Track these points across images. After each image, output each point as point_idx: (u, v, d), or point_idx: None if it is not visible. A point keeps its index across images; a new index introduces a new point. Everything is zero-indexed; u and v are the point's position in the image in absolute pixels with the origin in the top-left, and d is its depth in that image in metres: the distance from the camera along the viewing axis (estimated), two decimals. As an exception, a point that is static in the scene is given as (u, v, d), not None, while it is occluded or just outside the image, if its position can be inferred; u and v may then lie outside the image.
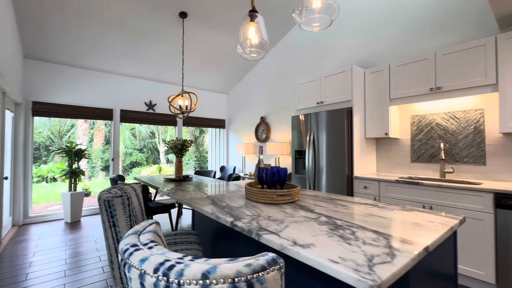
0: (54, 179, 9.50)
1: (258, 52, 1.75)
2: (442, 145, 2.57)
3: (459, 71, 2.35)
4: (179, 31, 3.90)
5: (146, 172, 10.81)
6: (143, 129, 12.98)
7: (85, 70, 4.38)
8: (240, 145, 5.47)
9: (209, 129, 6.75)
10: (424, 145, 2.84)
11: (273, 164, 4.84)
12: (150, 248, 0.61)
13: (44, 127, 10.92)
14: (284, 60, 4.66)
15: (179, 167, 3.75)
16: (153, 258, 0.55)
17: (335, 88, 3.11)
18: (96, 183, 9.71)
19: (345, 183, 2.87)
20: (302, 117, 3.39)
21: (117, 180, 3.33)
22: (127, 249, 0.60)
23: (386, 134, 2.87)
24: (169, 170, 10.96)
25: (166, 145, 3.80)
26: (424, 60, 2.57)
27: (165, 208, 3.08)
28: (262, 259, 0.52)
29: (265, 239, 0.89)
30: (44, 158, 10.46)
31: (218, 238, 1.72)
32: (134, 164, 12.32)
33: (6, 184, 3.39)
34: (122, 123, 4.84)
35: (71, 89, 4.25)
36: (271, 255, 0.54)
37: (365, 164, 3.05)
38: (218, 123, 6.15)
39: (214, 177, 4.50)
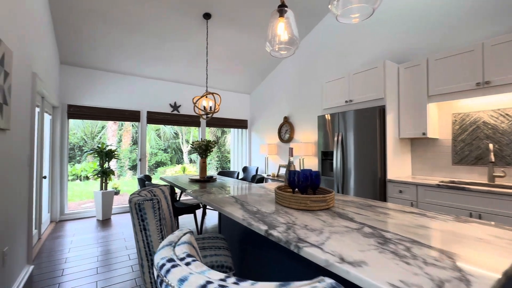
0: (87, 178, 10.08)
1: (288, 49, 1.67)
2: (491, 146, 2.31)
3: (511, 63, 2.09)
4: (203, 33, 3.92)
5: (170, 172, 11.12)
6: (168, 130, 13.39)
7: (114, 74, 4.57)
8: (262, 145, 5.40)
9: (231, 129, 6.77)
10: (468, 146, 2.57)
11: (297, 166, 4.71)
12: (187, 264, 0.55)
13: (78, 129, 11.65)
14: (308, 58, 4.51)
15: (203, 168, 3.77)
16: (193, 278, 0.49)
17: (365, 86, 2.93)
18: (124, 181, 10.16)
19: (377, 187, 2.69)
20: (328, 117, 3.24)
21: (144, 181, 3.41)
22: (163, 265, 0.55)
23: (424, 134, 2.64)
24: (192, 170, 11.18)
25: (191, 146, 3.83)
26: (469, 52, 2.32)
27: (190, 208, 3.10)
28: (320, 286, 0.44)
29: (306, 252, 0.81)
30: (78, 158, 11.16)
31: (247, 244, 1.67)
32: (159, 164, 12.75)
33: (45, 183, 3.61)
34: (149, 124, 4.97)
35: (101, 92, 4.45)
36: (329, 281, 0.46)
37: (399, 166, 2.84)
38: (241, 124, 6.13)
39: (237, 178, 4.48)
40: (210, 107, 3.70)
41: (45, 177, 3.26)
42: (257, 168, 5.62)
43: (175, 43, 4.10)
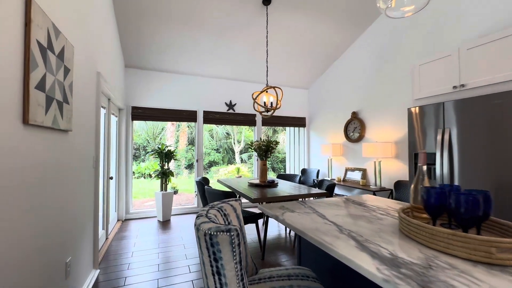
0: (150, 176, 10.86)
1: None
2: None
3: None
4: (262, 22, 3.53)
5: (223, 172, 11.22)
6: (220, 130, 13.66)
7: (171, 74, 4.55)
8: (324, 145, 4.78)
9: (287, 128, 6.29)
10: None
11: (371, 171, 3.97)
12: None
13: (142, 131, 12.73)
14: (383, 40, 3.74)
15: (264, 171, 3.39)
16: None
17: (491, 62, 2.11)
18: (181, 180, 10.62)
19: (517, 205, 1.87)
20: (424, 109, 2.49)
21: (203, 184, 3.19)
22: None
23: None
24: (245, 170, 11.05)
25: (249, 146, 3.49)
26: None
27: (253, 218, 2.73)
28: None
29: None
30: (142, 157, 12.16)
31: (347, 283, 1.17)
32: (211, 163, 13.08)
33: (112, 183, 3.71)
34: (204, 124, 4.85)
35: (160, 93, 4.46)
36: None
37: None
38: (298, 122, 5.60)
39: (299, 182, 3.98)
40: (271, 103, 3.29)
41: (111, 178, 3.30)
42: (318, 171, 5.03)
43: (231, 36, 3.82)
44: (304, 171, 5.40)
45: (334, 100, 4.86)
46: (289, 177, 4.21)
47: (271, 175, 10.92)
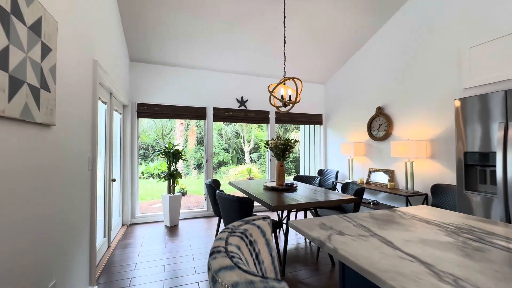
0: (159, 176, 10.67)
1: None
2: None
3: None
4: (276, 9, 3.17)
5: (233, 172, 10.91)
6: (229, 129, 13.38)
7: (179, 69, 4.24)
8: (345, 144, 4.37)
9: (301, 126, 5.90)
10: None
11: (400, 172, 3.54)
12: None
13: (151, 130, 12.58)
14: (416, 24, 3.30)
15: (281, 173, 3.02)
16: None
17: None
18: (190, 181, 10.37)
19: None
20: (478, 100, 2.07)
21: (214, 188, 2.85)
22: None
23: None
24: (255, 171, 10.70)
25: (265, 145, 3.13)
26: None
27: (274, 227, 2.37)
28: None
29: None
30: (151, 157, 12.01)
31: None
32: (220, 164, 12.81)
33: (116, 185, 3.43)
34: (214, 122, 4.54)
35: (168, 89, 4.17)
36: None
37: None
38: (314, 119, 5.20)
39: (319, 185, 3.60)
40: (289, 97, 2.92)
41: (114, 180, 3.02)
42: (337, 172, 4.63)
43: (244, 26, 3.48)
44: (321, 172, 5.00)
45: (355, 95, 4.44)
46: (306, 179, 3.83)
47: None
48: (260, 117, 4.74)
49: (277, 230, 3.54)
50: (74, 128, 1.67)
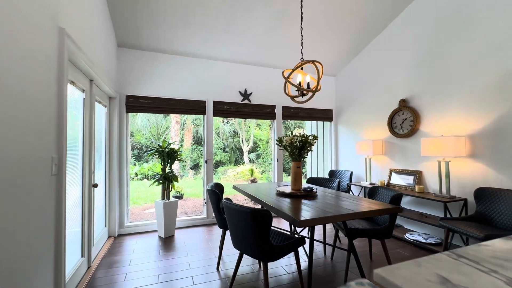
0: (153, 178, 10.08)
1: None
2: None
3: None
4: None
5: (232, 173, 10.39)
6: (227, 128, 12.87)
7: (175, 56, 3.72)
8: (361, 142, 3.90)
9: (307, 123, 5.42)
10: None
11: (430, 174, 3.07)
12: None
13: (145, 129, 11.98)
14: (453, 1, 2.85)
15: (297, 176, 2.52)
16: None
17: None
18: (186, 182, 9.82)
19: None
20: None
21: (218, 194, 2.35)
22: None
23: None
24: (256, 172, 10.18)
25: (277, 143, 2.64)
26: None
27: (292, 246, 1.87)
28: None
29: None
30: (146, 157, 11.40)
31: None
32: (218, 164, 12.29)
33: (100, 191, 2.90)
34: (215, 118, 4.02)
35: (162, 80, 3.64)
36: None
37: None
38: (324, 115, 4.73)
39: (338, 188, 3.12)
40: (308, 84, 2.43)
41: (96, 186, 2.49)
42: (351, 173, 4.17)
43: (249, 7, 2.98)
44: (332, 174, 4.53)
45: (372, 87, 3.98)
46: (322, 182, 3.35)
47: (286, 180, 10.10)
48: (265, 112, 4.25)
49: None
50: (19, 118, 1.15)
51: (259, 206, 4.69)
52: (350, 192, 4.04)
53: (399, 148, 3.54)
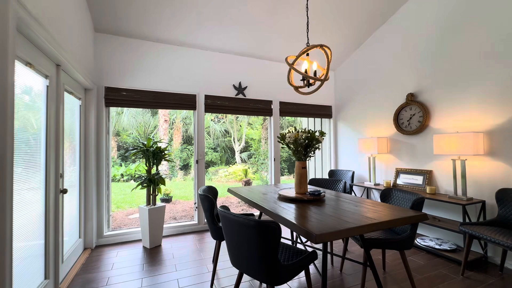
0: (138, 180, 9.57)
1: None
2: None
3: None
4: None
5: (223, 173, 10.01)
6: (217, 127, 12.47)
7: (162, 45, 3.33)
8: (364, 140, 3.64)
9: (303, 120, 5.13)
10: None
11: (441, 173, 2.83)
12: None
13: (132, 129, 11.40)
14: (467, -14, 2.61)
15: (303, 177, 2.21)
16: None
17: None
18: (176, 183, 9.36)
19: None
20: None
21: (211, 200, 2.01)
22: None
23: None
24: (249, 172, 9.84)
25: (279, 141, 2.32)
26: None
27: (302, 264, 1.55)
28: None
29: None
30: (132, 158, 10.84)
31: None
32: (209, 164, 11.89)
33: (73, 197, 2.49)
34: (206, 114, 3.66)
35: (147, 71, 3.25)
36: None
37: None
38: (323, 111, 4.45)
39: (344, 190, 2.83)
40: (314, 72, 2.12)
41: (65, 192, 2.09)
42: (353, 173, 3.90)
43: (247, -17, 2.65)
44: (332, 174, 4.26)
45: (375, 81, 3.73)
46: (325, 183, 3.06)
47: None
48: (261, 108, 3.92)
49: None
50: None
51: (253, 209, 4.35)
52: (352, 193, 3.77)
53: (406, 146, 3.30)
